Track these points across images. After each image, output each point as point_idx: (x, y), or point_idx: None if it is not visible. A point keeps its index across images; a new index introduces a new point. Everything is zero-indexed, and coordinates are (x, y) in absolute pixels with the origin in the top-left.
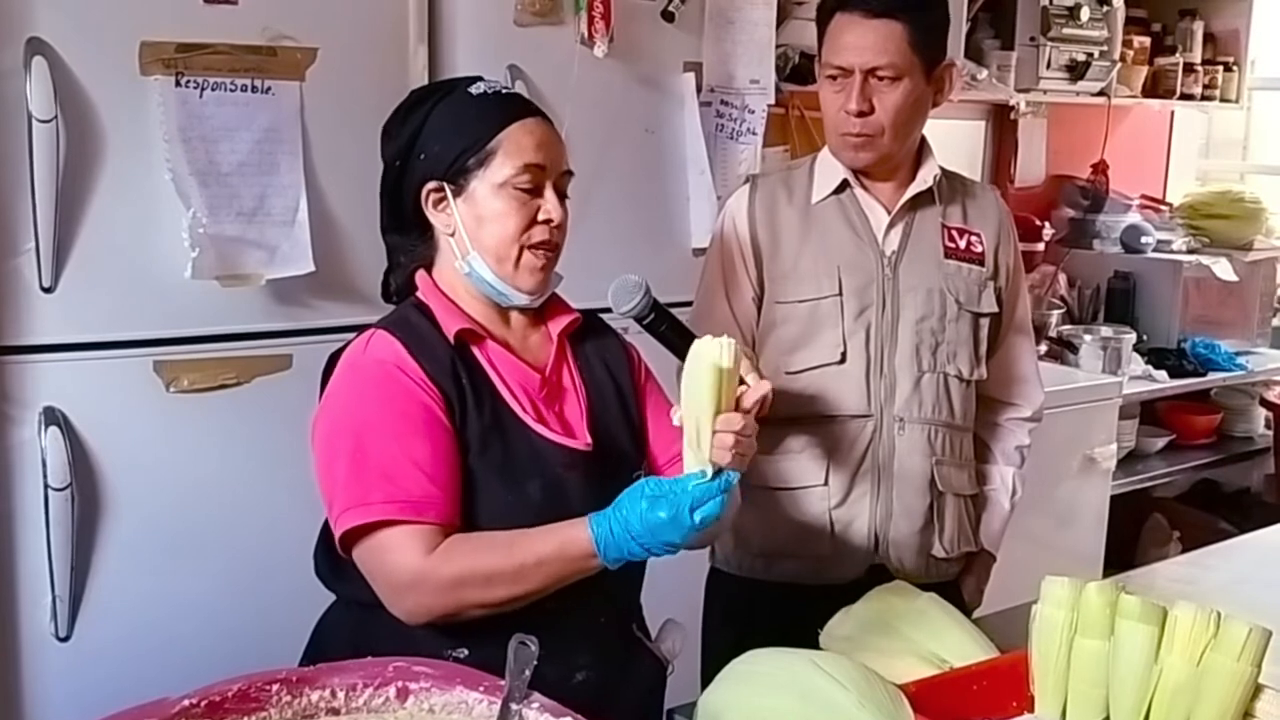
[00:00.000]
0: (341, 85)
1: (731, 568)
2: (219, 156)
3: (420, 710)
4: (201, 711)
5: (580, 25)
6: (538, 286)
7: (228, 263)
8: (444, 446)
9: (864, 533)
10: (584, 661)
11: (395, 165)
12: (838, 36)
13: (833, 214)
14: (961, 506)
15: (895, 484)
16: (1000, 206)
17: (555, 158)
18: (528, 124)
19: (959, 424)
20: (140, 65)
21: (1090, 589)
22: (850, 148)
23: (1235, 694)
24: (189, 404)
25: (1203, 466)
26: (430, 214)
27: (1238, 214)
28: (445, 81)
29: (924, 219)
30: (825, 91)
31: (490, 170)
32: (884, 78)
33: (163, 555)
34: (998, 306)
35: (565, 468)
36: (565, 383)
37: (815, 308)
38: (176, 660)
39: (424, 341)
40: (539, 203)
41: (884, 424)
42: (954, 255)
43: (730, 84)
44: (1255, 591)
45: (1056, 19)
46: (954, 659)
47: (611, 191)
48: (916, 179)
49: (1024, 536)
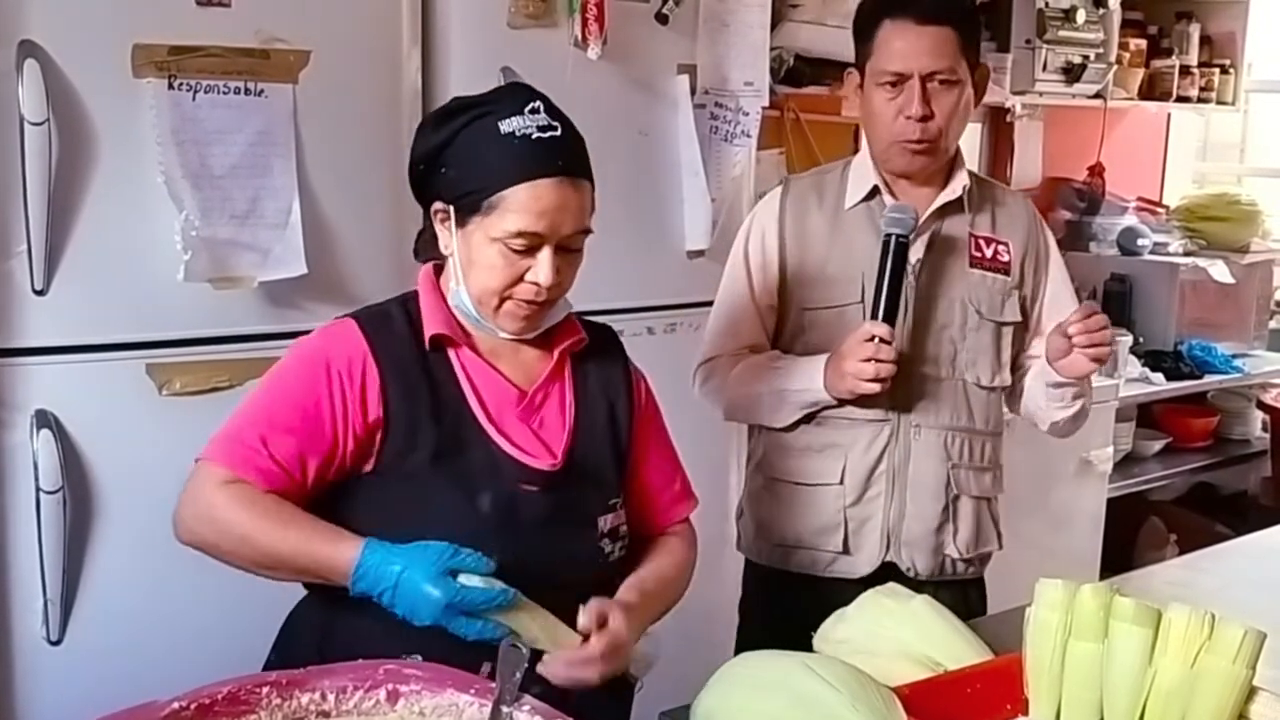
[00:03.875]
0: (335, 88)
1: (755, 555)
2: (212, 159)
3: (411, 713)
4: (191, 714)
5: (574, 27)
6: (521, 330)
7: (220, 265)
8: (314, 449)
9: (877, 532)
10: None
11: (419, 168)
12: (889, 43)
13: (862, 220)
14: (981, 509)
15: (910, 487)
16: (1031, 214)
17: (563, 223)
18: (540, 186)
19: (979, 429)
20: (133, 68)
21: (1084, 591)
22: (907, 153)
23: (1229, 696)
24: (181, 407)
25: (1199, 469)
26: (437, 227)
27: (1234, 216)
28: (490, 97)
29: (951, 227)
30: (877, 98)
31: (489, 220)
32: (943, 81)
33: (155, 558)
34: (1021, 315)
35: (520, 483)
36: (552, 400)
37: (841, 314)
38: (169, 664)
39: (390, 338)
40: (531, 263)
41: (900, 428)
42: (979, 264)
43: (724, 86)
44: (1250, 594)
45: (1052, 21)
46: (948, 662)
47: (605, 194)
48: (947, 188)
49: (1020, 540)
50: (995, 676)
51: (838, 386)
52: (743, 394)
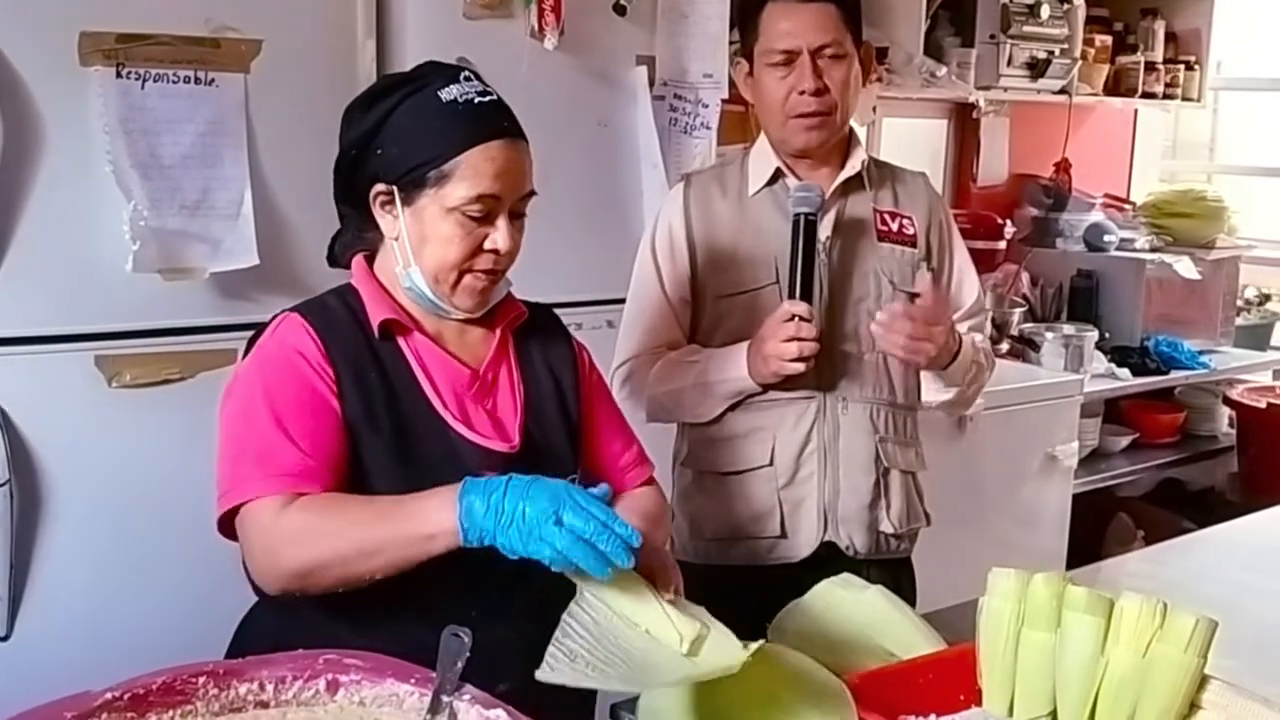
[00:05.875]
0: (288, 78)
1: (690, 555)
2: (161, 149)
3: (351, 703)
4: (125, 704)
5: (530, 18)
6: (476, 306)
7: (170, 256)
8: (327, 424)
9: (814, 512)
10: (508, 673)
11: (351, 154)
12: (775, 24)
13: (767, 205)
14: (908, 483)
15: (841, 463)
16: (931, 191)
17: (515, 184)
18: (492, 148)
19: (900, 402)
20: (80, 56)
21: (1037, 580)
22: (804, 129)
23: (1181, 685)
24: (132, 399)
25: (1167, 465)
26: (377, 213)
27: (1200, 213)
28: (418, 73)
29: (856, 204)
30: (769, 80)
31: (443, 191)
32: (831, 55)
33: (105, 552)
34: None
35: (479, 468)
36: (501, 380)
37: (756, 297)
38: (118, 659)
39: (336, 331)
40: (488, 230)
41: (827, 405)
42: (887, 238)
43: (683, 78)
44: (1210, 586)
45: (1017, 16)
46: (901, 652)
47: (563, 186)
48: (846, 165)
49: (984, 535)
50: (948, 666)
51: (761, 371)
52: (664, 392)
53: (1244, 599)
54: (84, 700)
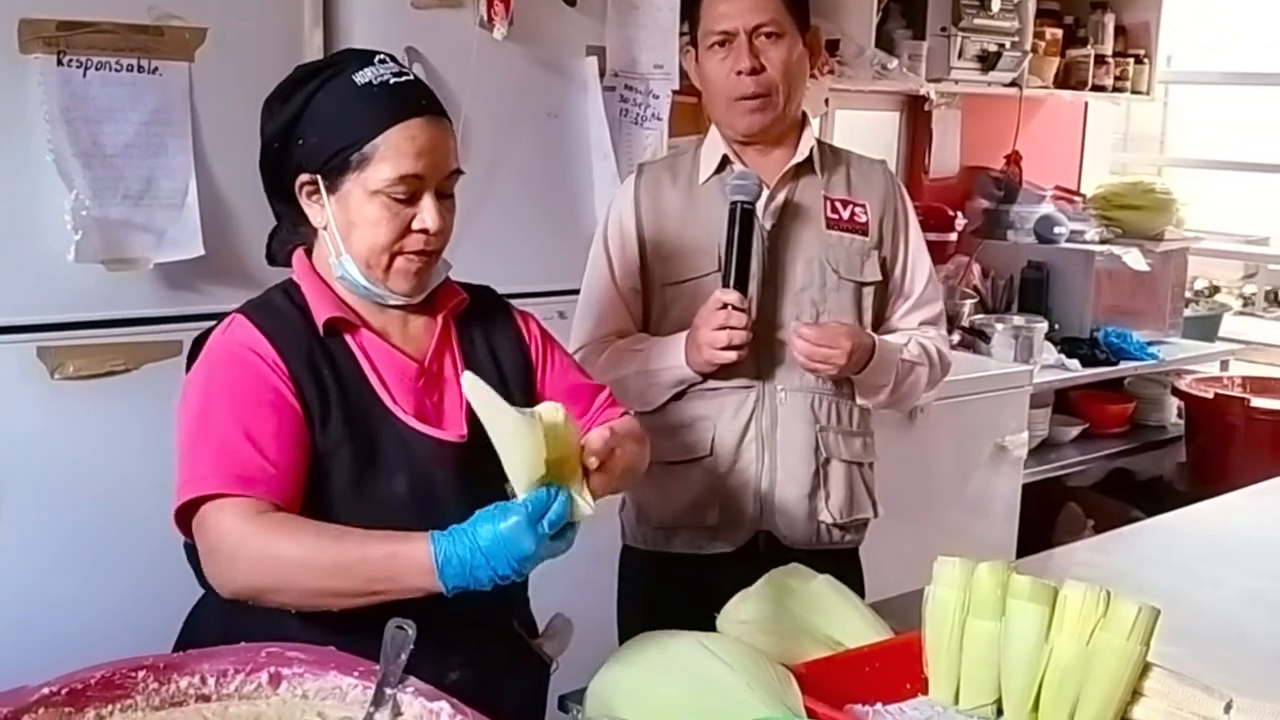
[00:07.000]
0: (233, 67)
1: (638, 542)
2: (104, 138)
3: (294, 696)
4: (63, 699)
5: (479, 8)
6: (413, 289)
7: (113, 246)
8: (290, 427)
9: (750, 501)
10: (458, 661)
11: (274, 147)
12: (714, 7)
13: (715, 193)
14: (853, 474)
15: (779, 452)
16: (889, 177)
17: (439, 163)
18: (412, 126)
19: (845, 393)
20: (19, 43)
21: (981, 569)
22: (745, 111)
23: (1124, 672)
24: (75, 391)
25: (1116, 455)
26: (304, 204)
27: (1149, 205)
28: (334, 59)
29: (805, 190)
30: (710, 63)
31: (366, 174)
32: (769, 34)
33: (48, 547)
34: (881, 275)
35: (434, 460)
36: (447, 370)
37: (699, 285)
38: (64, 655)
39: (284, 329)
40: (414, 211)
41: (766, 394)
42: (836, 226)
43: (634, 69)
44: (1154, 574)
45: (968, 9)
46: (849, 641)
47: (513, 177)
48: (796, 151)
49: (935, 525)
50: (894, 655)
51: (696, 359)
52: (612, 380)
53: (1190, 587)
54: (20, 695)
